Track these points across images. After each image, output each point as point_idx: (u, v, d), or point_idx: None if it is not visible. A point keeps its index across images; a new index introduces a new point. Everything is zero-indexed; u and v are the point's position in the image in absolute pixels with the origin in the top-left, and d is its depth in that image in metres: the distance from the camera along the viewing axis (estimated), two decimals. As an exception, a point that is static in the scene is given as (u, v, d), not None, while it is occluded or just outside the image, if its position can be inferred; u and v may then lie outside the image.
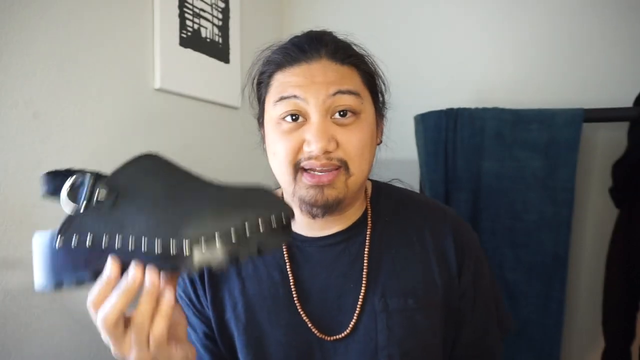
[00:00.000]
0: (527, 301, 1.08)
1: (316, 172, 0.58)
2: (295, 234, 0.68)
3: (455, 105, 1.13)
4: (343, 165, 0.59)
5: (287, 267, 0.66)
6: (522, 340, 1.09)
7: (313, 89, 0.58)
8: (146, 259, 0.42)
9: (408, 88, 1.29)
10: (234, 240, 0.40)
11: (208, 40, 1.09)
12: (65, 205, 0.43)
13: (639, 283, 0.99)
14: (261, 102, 0.66)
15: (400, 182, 0.81)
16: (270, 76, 0.63)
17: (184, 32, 1.02)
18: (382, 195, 0.71)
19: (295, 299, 0.64)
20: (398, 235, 0.67)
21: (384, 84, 0.68)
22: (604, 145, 1.13)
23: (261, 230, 0.41)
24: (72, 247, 0.42)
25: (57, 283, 0.43)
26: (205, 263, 0.41)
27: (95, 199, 0.42)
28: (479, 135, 1.10)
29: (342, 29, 0.67)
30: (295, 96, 0.58)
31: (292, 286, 0.65)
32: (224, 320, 0.67)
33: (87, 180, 0.42)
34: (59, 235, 0.42)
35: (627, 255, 1.00)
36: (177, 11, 1.00)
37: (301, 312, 0.64)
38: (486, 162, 1.10)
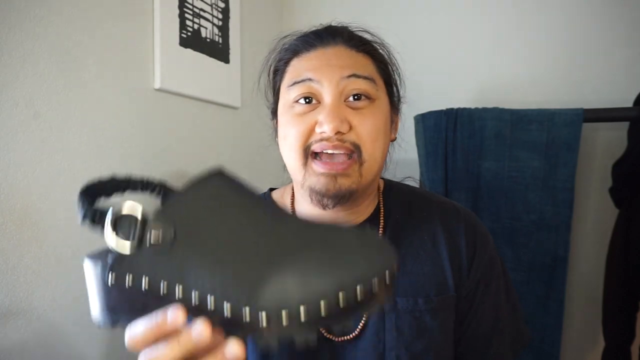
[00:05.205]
0: (527, 301, 1.08)
1: (328, 152, 0.57)
2: None
3: (455, 105, 1.13)
4: (356, 150, 0.57)
5: None
6: (522, 340, 1.09)
7: (327, 72, 0.58)
8: (212, 317, 0.34)
9: (408, 88, 1.28)
10: (323, 314, 0.32)
11: (208, 40, 1.09)
12: (110, 241, 0.35)
13: (639, 283, 0.99)
14: (276, 91, 0.66)
15: (412, 181, 0.80)
16: (286, 63, 0.63)
17: (184, 32, 1.02)
18: (394, 193, 0.69)
19: None
20: (409, 234, 0.65)
21: (399, 76, 0.67)
22: (604, 145, 1.13)
23: (359, 300, 0.32)
24: (126, 287, 0.35)
25: (114, 321, 0.38)
26: (287, 337, 0.33)
27: (148, 240, 0.34)
28: (478, 136, 1.10)
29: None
30: (309, 79, 0.58)
31: None
32: None
33: (137, 215, 0.34)
34: (110, 272, 0.35)
35: (627, 255, 1.00)
36: (177, 11, 1.00)
37: None
38: (486, 162, 1.10)
